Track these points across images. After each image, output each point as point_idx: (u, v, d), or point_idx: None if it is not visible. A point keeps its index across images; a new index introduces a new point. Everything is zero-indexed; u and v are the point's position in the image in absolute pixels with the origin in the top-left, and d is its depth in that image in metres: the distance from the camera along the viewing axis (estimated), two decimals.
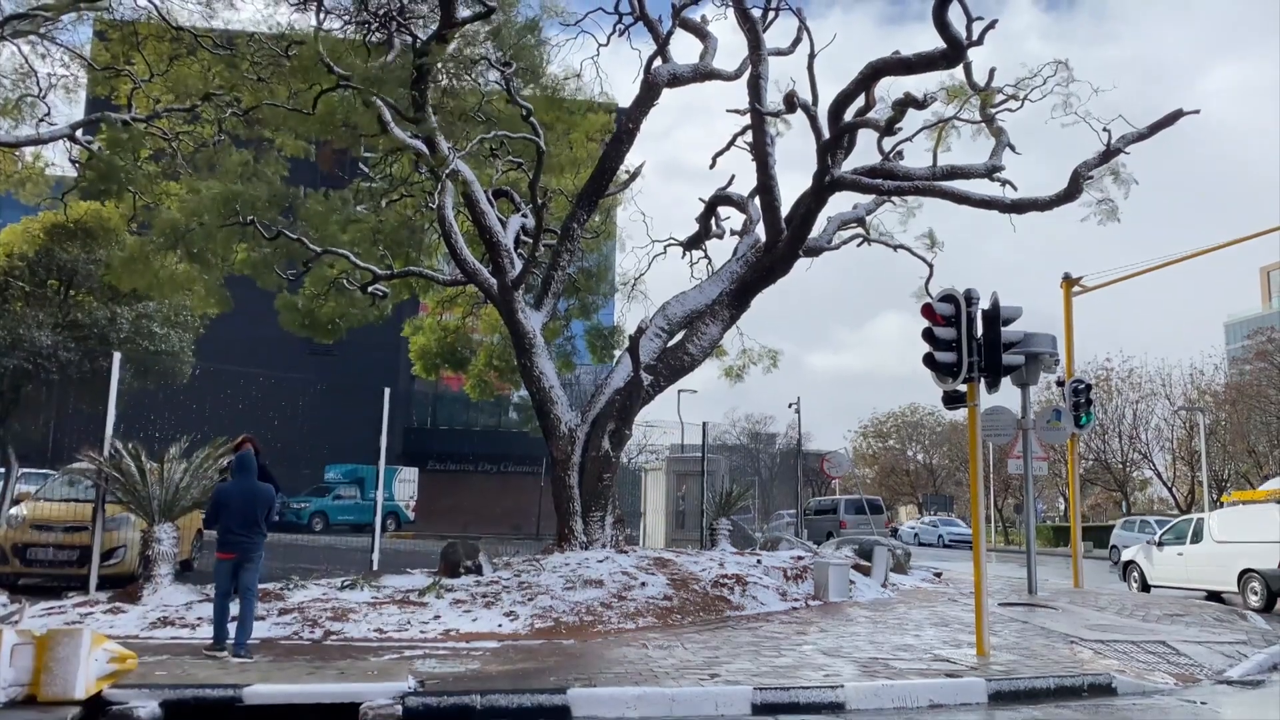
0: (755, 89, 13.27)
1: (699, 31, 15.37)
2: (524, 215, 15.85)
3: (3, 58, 14.40)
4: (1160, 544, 18.22)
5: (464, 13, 12.60)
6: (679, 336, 14.90)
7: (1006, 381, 12.22)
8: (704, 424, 18.61)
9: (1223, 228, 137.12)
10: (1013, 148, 14.90)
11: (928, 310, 10.14)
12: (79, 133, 15.07)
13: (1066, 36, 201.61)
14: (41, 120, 14.85)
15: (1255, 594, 15.44)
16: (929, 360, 10.27)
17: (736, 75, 14.72)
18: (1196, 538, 17.27)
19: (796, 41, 14.71)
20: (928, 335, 10.73)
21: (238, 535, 8.62)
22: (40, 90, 14.59)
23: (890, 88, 14.32)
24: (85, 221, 23.45)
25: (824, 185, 13.24)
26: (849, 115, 13.26)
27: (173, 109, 14.98)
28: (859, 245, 17.19)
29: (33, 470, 26.50)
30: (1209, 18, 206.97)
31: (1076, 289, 18.45)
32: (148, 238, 15.84)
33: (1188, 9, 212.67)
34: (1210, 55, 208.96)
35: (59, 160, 17.16)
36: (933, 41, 10.91)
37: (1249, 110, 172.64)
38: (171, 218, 15.04)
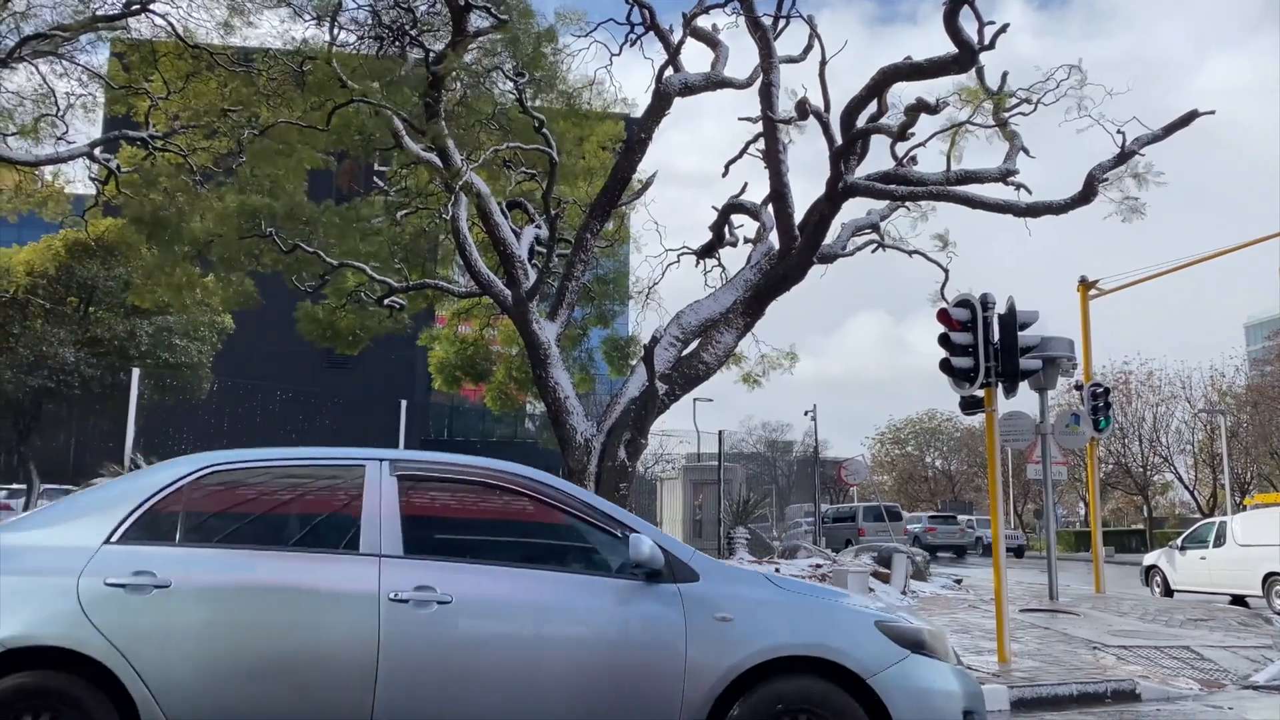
0: (767, 96, 13.28)
1: (710, 40, 15.40)
2: (538, 226, 15.91)
3: (22, 79, 14.59)
4: (1183, 548, 18.07)
5: (477, 23, 12.68)
6: (693, 345, 14.88)
7: (1024, 386, 12.15)
8: (720, 433, 18.62)
9: (1235, 226, 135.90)
10: (1026, 151, 14.83)
11: (943, 315, 10.10)
12: (98, 151, 15.24)
13: (1058, 34, 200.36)
14: (60, 139, 15.04)
15: None
16: (945, 365, 10.23)
17: (748, 83, 14.73)
18: (1219, 541, 17.11)
19: (808, 49, 14.70)
20: (944, 340, 10.69)
21: None
22: (59, 110, 14.78)
23: (902, 93, 14.30)
24: (105, 238, 23.72)
25: (837, 191, 13.22)
26: (861, 121, 13.24)
27: (190, 126, 15.14)
28: (873, 251, 17.15)
29: (54, 486, 26.75)
30: (1204, 11, 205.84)
31: (1093, 292, 18.36)
32: (169, 250, 16.03)
33: (1182, 3, 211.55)
34: (1208, 50, 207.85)
35: (78, 177, 17.42)
36: (925, 41, 10.96)
37: (1251, 106, 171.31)
38: (192, 231, 15.21)
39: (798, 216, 13.90)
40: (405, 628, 4.34)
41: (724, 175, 16.30)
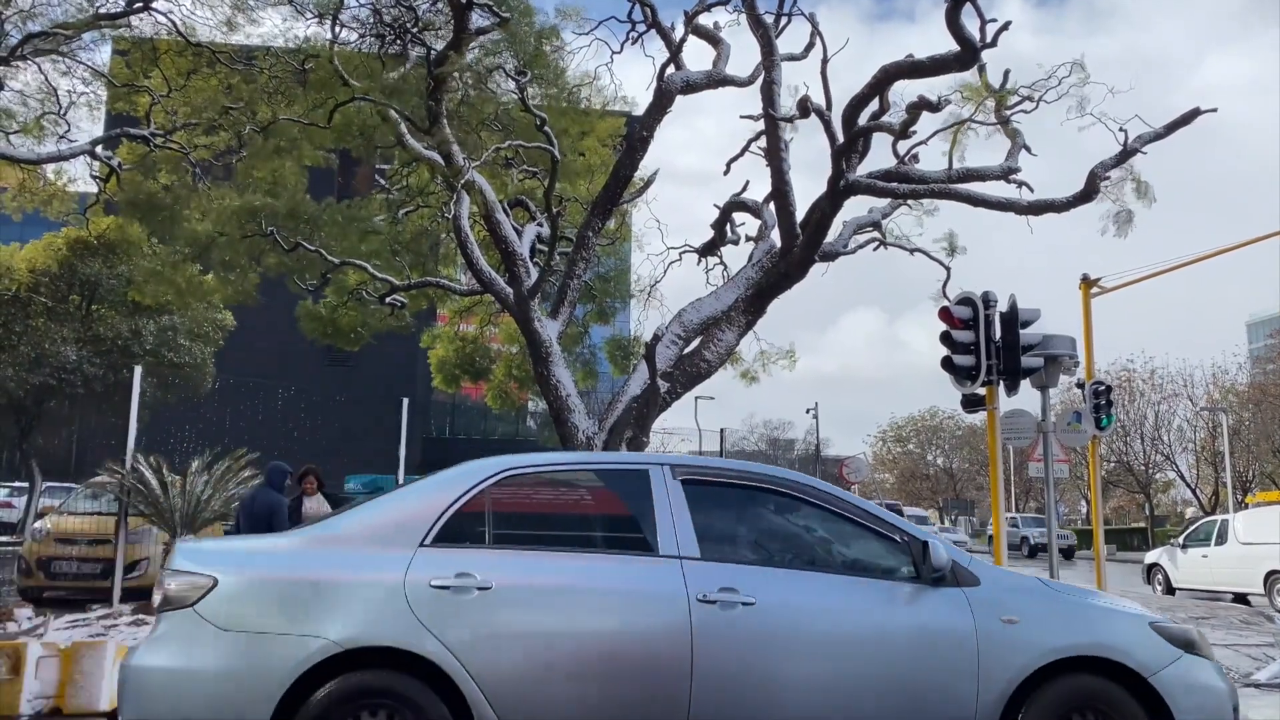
0: (769, 95, 13.26)
1: (711, 38, 15.39)
2: (539, 224, 15.91)
3: (25, 77, 14.59)
4: (1184, 546, 18.05)
5: (478, 21, 12.67)
6: (695, 343, 14.88)
7: (1026, 384, 12.15)
8: (721, 430, 18.68)
9: (1236, 223, 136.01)
10: (1028, 149, 14.81)
11: (945, 314, 10.11)
12: (99, 149, 15.25)
13: (1057, 31, 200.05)
14: (63, 137, 15.04)
15: None
16: (947, 363, 10.24)
17: (750, 81, 14.72)
18: (1221, 539, 17.11)
19: (809, 46, 14.69)
20: (946, 338, 10.70)
21: None
22: (61, 108, 14.77)
23: (904, 91, 14.28)
24: (107, 236, 23.73)
25: (839, 190, 13.21)
26: (863, 119, 13.23)
27: (190, 123, 15.15)
28: (875, 249, 17.13)
29: (56, 484, 26.80)
30: (1203, 8, 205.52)
31: (1095, 290, 18.35)
32: (170, 249, 16.04)
33: (1180, 0, 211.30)
34: (1207, 46, 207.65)
35: (80, 175, 17.41)
36: (922, 38, 10.94)
37: (1252, 102, 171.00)
38: (193, 231, 15.23)
39: (799, 214, 13.89)
40: (715, 628, 4.46)
41: (725, 173, 16.29)
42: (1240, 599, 16.60)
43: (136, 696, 4.24)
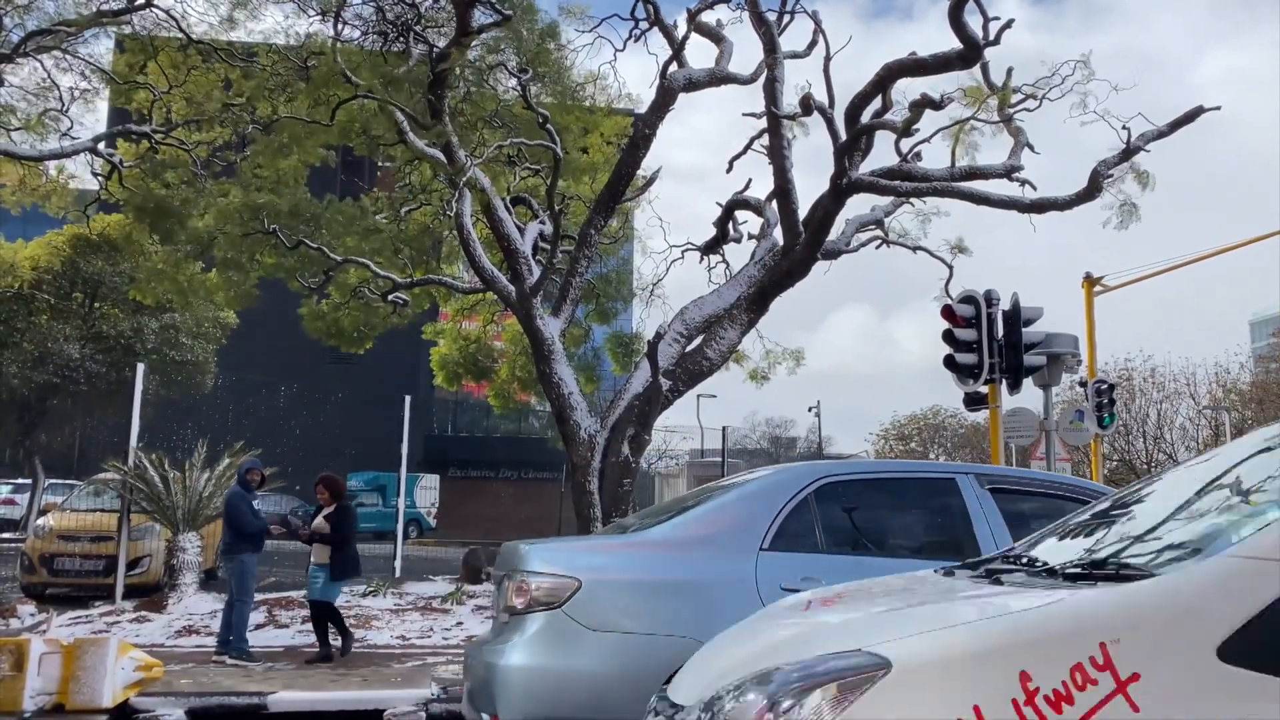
0: (771, 92, 13.24)
1: (714, 35, 15.37)
2: (542, 222, 15.91)
3: (25, 73, 14.57)
4: None
5: (481, 19, 12.66)
6: (697, 341, 14.88)
7: (1028, 382, 12.15)
8: (724, 428, 18.64)
9: (1236, 221, 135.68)
10: (1031, 147, 14.78)
11: (948, 312, 10.10)
12: (101, 145, 15.25)
13: (1055, 29, 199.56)
14: (65, 134, 15.03)
15: None
16: (949, 362, 10.23)
17: (752, 79, 14.70)
18: None
19: (812, 44, 14.68)
20: (948, 337, 10.69)
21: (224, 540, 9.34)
22: (63, 104, 14.77)
23: (907, 88, 14.25)
24: (109, 233, 23.72)
25: (841, 187, 13.19)
26: (866, 117, 13.20)
27: (192, 120, 15.14)
28: (877, 247, 17.12)
29: (59, 481, 26.86)
30: (1201, 4, 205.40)
31: (1098, 289, 18.32)
32: (172, 248, 16.05)
33: None
34: (1205, 43, 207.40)
35: (81, 172, 17.39)
36: (919, 35, 10.88)
37: (1251, 99, 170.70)
38: (195, 228, 15.23)
39: (802, 212, 13.88)
40: None
41: (728, 171, 16.24)
42: None
43: (515, 696, 4.37)
